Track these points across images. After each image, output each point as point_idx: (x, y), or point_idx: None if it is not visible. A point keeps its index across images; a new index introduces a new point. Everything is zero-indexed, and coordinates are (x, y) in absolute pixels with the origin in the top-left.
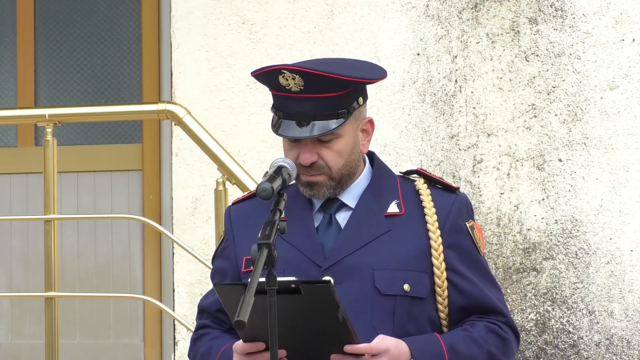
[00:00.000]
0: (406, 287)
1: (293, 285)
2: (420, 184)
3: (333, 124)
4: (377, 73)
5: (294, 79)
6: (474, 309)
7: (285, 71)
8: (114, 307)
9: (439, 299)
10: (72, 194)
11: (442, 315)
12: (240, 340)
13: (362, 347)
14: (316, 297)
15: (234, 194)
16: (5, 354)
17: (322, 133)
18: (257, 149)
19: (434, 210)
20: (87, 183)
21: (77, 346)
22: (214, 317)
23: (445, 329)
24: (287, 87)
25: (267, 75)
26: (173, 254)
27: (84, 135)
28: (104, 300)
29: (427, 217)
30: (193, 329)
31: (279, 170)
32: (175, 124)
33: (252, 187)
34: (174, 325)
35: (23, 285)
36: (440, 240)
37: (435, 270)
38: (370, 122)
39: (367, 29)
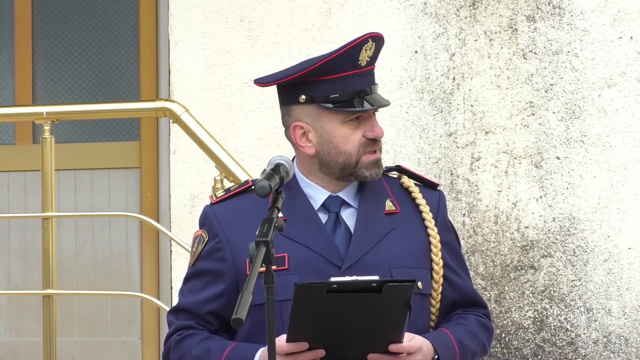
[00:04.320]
0: (419, 284)
1: (374, 284)
2: (407, 181)
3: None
4: None
5: (370, 48)
6: (462, 303)
7: (369, 39)
8: (112, 304)
9: (433, 294)
10: (70, 191)
11: (433, 309)
12: (282, 338)
13: (404, 346)
14: (395, 297)
15: None
16: (4, 352)
17: (387, 102)
18: (255, 147)
19: (428, 208)
20: (85, 181)
21: (75, 344)
22: (200, 319)
23: (432, 323)
24: (360, 61)
25: (353, 49)
26: (171, 251)
27: (82, 132)
28: (102, 297)
29: (424, 215)
30: None
31: (277, 168)
32: (173, 122)
33: None
34: None
35: (21, 283)
36: (438, 237)
37: (435, 266)
38: None
39: (365, 26)
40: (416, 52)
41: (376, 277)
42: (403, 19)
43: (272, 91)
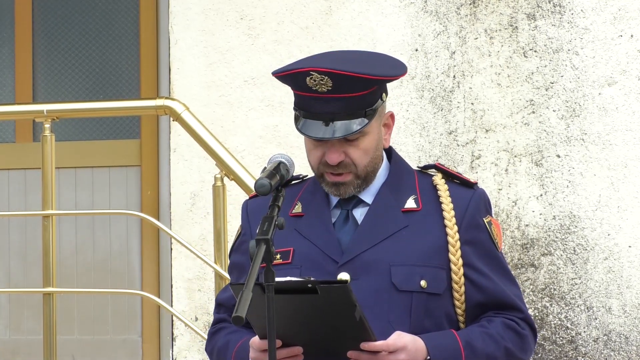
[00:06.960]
0: (423, 283)
1: (309, 285)
2: (438, 179)
3: (360, 123)
4: (400, 68)
5: (322, 80)
6: (491, 305)
7: (313, 73)
8: (112, 302)
9: (455, 294)
10: (70, 189)
11: (459, 311)
12: (257, 336)
13: (378, 344)
14: (333, 297)
15: (232, 190)
16: (4, 350)
17: (350, 133)
18: (255, 145)
19: (451, 206)
20: (85, 179)
21: (75, 342)
22: (230, 311)
23: (462, 325)
24: (314, 88)
25: (293, 77)
26: (171, 249)
27: (82, 130)
28: (102, 295)
29: (444, 213)
30: (191, 325)
31: (277, 166)
32: (173, 120)
33: (250, 183)
34: (172, 321)
35: (21, 281)
36: (457, 236)
37: (452, 266)
38: (392, 116)
39: (366, 24)
40: (416, 50)
41: (311, 278)
42: (403, 17)
43: (272, 89)
